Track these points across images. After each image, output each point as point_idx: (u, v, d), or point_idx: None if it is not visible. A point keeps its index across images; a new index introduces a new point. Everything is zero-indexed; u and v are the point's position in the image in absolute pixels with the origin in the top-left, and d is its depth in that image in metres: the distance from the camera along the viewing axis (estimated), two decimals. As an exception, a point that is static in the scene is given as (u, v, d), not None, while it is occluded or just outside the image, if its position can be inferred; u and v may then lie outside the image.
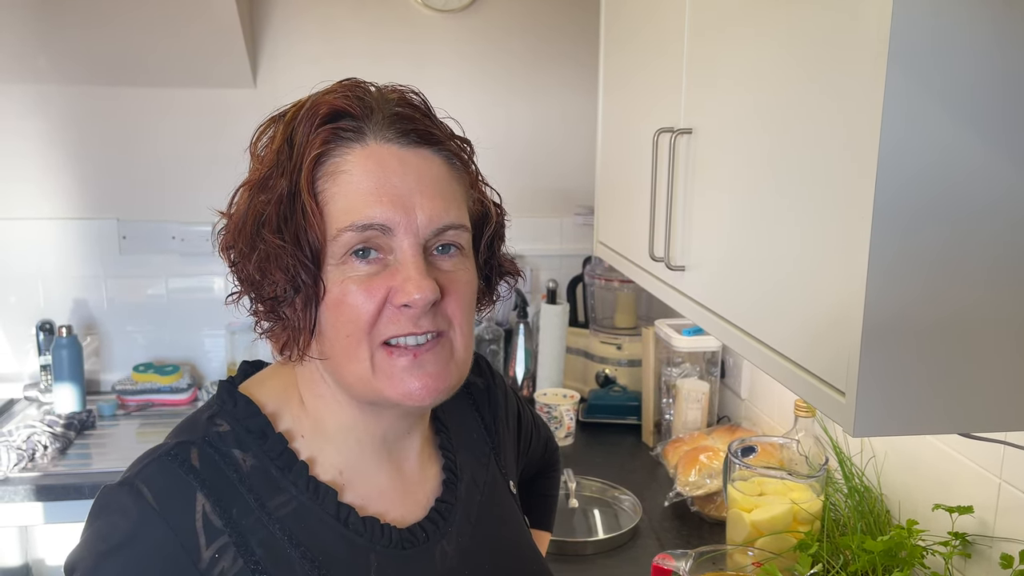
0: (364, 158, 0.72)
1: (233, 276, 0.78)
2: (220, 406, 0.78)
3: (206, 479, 0.72)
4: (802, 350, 0.86)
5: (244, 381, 0.83)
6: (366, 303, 0.72)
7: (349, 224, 0.71)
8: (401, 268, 0.72)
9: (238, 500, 0.73)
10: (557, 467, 1.21)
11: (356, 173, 0.72)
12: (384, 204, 0.71)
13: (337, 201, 0.72)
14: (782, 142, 0.90)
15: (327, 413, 0.79)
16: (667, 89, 1.28)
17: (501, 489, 0.94)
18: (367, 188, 0.72)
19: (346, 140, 0.73)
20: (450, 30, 2.42)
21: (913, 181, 0.70)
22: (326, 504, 0.76)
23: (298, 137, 0.73)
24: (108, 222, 2.39)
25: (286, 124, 0.75)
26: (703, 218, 1.14)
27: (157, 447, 0.76)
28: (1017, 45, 0.69)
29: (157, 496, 0.71)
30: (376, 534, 0.77)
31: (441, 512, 0.84)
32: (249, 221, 0.74)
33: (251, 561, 0.71)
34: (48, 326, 2.34)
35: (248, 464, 0.75)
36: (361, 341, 0.73)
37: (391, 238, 0.72)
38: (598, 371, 2.31)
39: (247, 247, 0.74)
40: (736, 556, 1.25)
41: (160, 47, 2.23)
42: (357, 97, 0.74)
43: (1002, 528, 1.13)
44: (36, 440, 1.99)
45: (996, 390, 0.75)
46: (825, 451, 1.42)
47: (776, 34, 0.91)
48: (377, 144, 0.73)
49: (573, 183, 2.51)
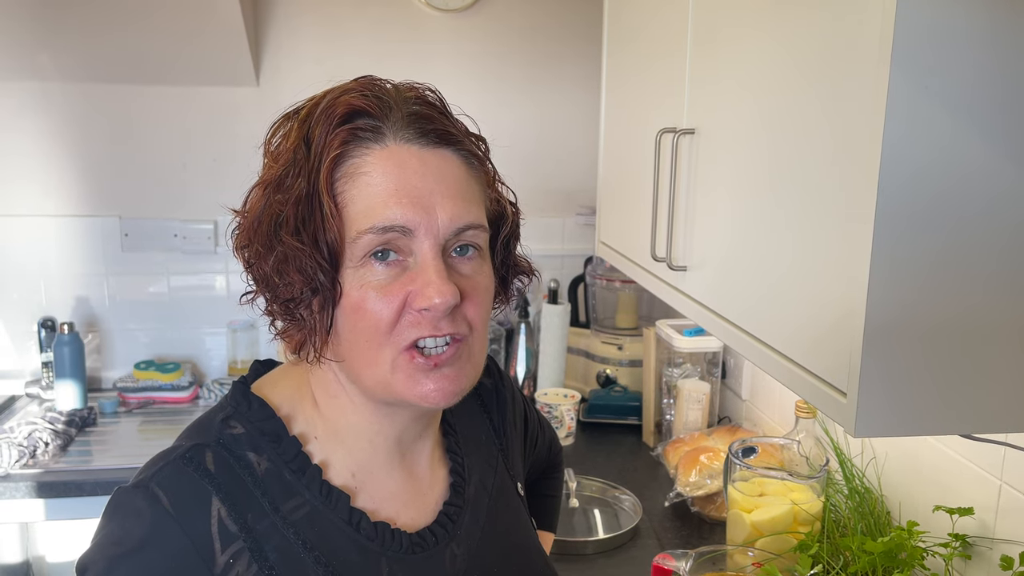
0: (384, 159, 0.72)
1: (248, 275, 0.77)
2: (234, 408, 0.77)
3: (221, 483, 0.72)
4: (803, 350, 0.86)
5: (255, 381, 0.83)
6: (385, 308, 0.71)
7: (369, 226, 0.70)
8: (421, 271, 0.72)
9: (252, 504, 0.72)
10: (560, 468, 1.21)
11: (376, 175, 0.71)
12: (404, 205, 0.70)
13: (356, 203, 0.71)
14: (785, 143, 0.90)
15: (341, 415, 0.79)
16: (670, 89, 1.28)
17: (509, 491, 0.93)
18: (387, 189, 0.71)
19: (365, 140, 0.72)
20: (453, 29, 2.42)
21: (915, 182, 0.71)
22: (339, 509, 0.76)
23: (315, 137, 0.72)
24: (110, 220, 2.40)
25: (301, 122, 0.74)
26: (705, 218, 1.14)
27: (171, 449, 0.75)
28: (1019, 47, 0.69)
29: (173, 501, 0.70)
30: (387, 540, 0.77)
31: (450, 516, 0.84)
32: (265, 221, 0.73)
33: (265, 566, 0.71)
34: (50, 323, 2.34)
35: (262, 467, 0.74)
36: (382, 345, 0.73)
37: (411, 240, 0.72)
38: (599, 371, 2.31)
39: (263, 247, 0.73)
40: (736, 556, 1.25)
41: (163, 45, 2.23)
42: (375, 96, 0.73)
43: (1002, 530, 1.13)
44: (37, 437, 1.99)
45: (997, 391, 0.75)
46: (826, 452, 1.42)
47: (779, 35, 0.91)
48: (396, 145, 0.72)
49: (575, 183, 2.51)
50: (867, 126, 0.72)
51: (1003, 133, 0.71)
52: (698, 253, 1.17)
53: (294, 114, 0.76)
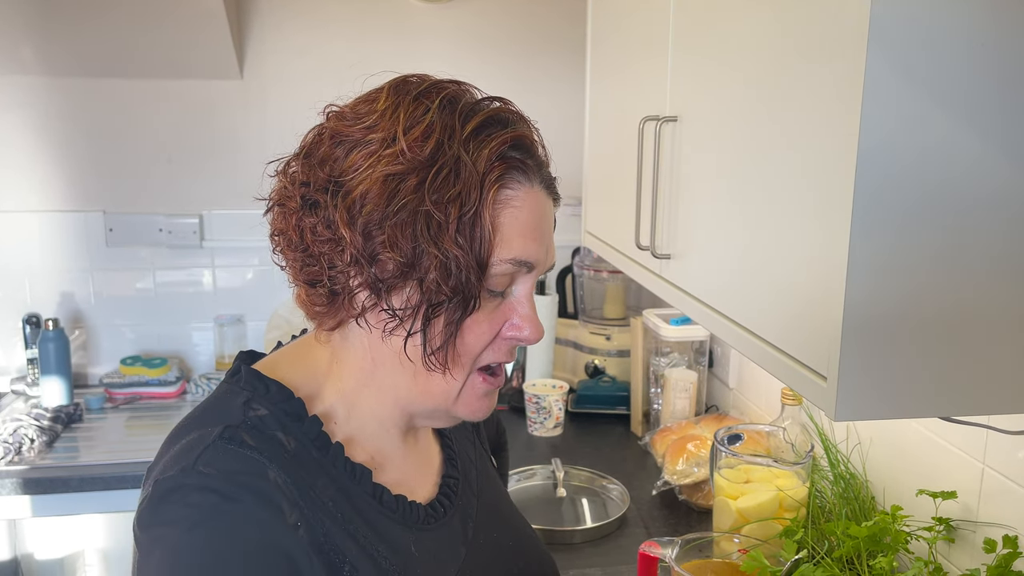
0: (530, 198, 0.76)
1: (354, 254, 0.72)
2: (252, 391, 0.77)
3: (269, 456, 0.71)
4: (784, 336, 0.87)
5: (255, 366, 0.82)
6: (487, 334, 0.76)
7: (511, 257, 0.74)
8: (519, 305, 0.78)
9: (298, 478, 0.72)
10: (506, 448, 1.25)
11: (524, 211, 0.75)
12: (537, 244, 0.76)
13: (501, 231, 0.73)
14: (765, 130, 0.90)
15: (367, 405, 0.80)
16: (653, 77, 1.28)
17: (487, 463, 0.99)
18: (530, 226, 0.75)
19: (517, 175, 0.75)
20: (437, 20, 2.41)
21: (894, 168, 0.71)
22: (363, 484, 0.77)
23: (474, 152, 0.72)
24: (94, 215, 2.38)
25: (445, 126, 0.72)
26: (688, 206, 1.14)
27: (200, 437, 0.71)
28: (1001, 29, 0.70)
29: (229, 477, 0.68)
30: (407, 513, 0.80)
31: (451, 487, 0.88)
32: (406, 211, 0.70)
33: (319, 534, 0.71)
34: (35, 319, 2.33)
35: (292, 446, 0.74)
36: (464, 366, 0.77)
37: (524, 275, 0.77)
38: (587, 362, 2.31)
39: (403, 237, 0.70)
40: (722, 543, 1.26)
41: (146, 39, 2.21)
42: (528, 137, 0.77)
43: (985, 513, 1.14)
44: (23, 433, 1.98)
45: (977, 374, 0.76)
46: (811, 438, 1.42)
47: (759, 21, 0.91)
48: (537, 188, 0.77)
49: (561, 174, 2.49)
50: (846, 112, 0.72)
51: (980, 116, 0.71)
52: (681, 241, 1.17)
53: (415, 102, 0.73)
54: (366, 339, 0.77)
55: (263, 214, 0.79)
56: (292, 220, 0.74)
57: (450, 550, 0.83)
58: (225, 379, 0.81)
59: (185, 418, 0.78)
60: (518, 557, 0.93)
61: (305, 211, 0.73)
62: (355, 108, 0.75)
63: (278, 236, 0.77)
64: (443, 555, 0.82)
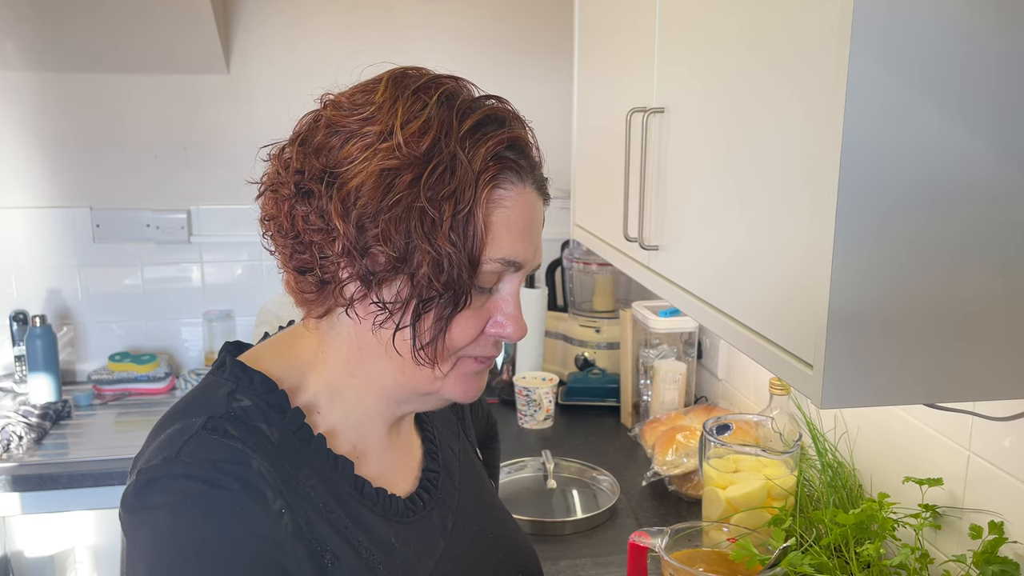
0: (522, 198, 0.76)
1: (346, 245, 0.71)
2: (236, 382, 0.77)
3: (252, 446, 0.72)
4: (771, 325, 0.87)
5: (240, 357, 0.82)
6: (472, 330, 0.76)
7: (501, 257, 0.75)
8: (504, 303, 0.78)
9: (280, 468, 0.73)
10: (497, 439, 1.25)
11: (515, 212, 0.75)
12: (526, 245, 0.77)
13: (493, 230, 0.74)
14: (750, 120, 0.90)
15: (352, 395, 0.81)
16: (639, 68, 1.28)
17: (472, 455, 0.99)
18: (520, 227, 0.76)
19: (511, 176, 0.75)
20: (426, 14, 2.41)
21: (878, 157, 0.71)
22: (345, 475, 0.78)
23: (467, 151, 0.72)
24: (81, 210, 2.37)
25: (443, 123, 0.72)
26: (675, 197, 1.15)
27: (183, 428, 0.72)
28: (983, 18, 0.70)
29: (212, 465, 0.69)
30: (387, 505, 0.81)
31: (431, 480, 0.88)
32: (401, 206, 0.70)
33: (302, 523, 0.72)
34: (22, 316, 2.31)
35: (275, 437, 0.75)
36: (447, 359, 0.77)
37: (512, 273, 0.78)
38: (577, 354, 2.32)
39: (397, 232, 0.70)
40: (711, 533, 1.26)
41: (131, 33, 2.20)
42: (522, 137, 0.77)
43: (971, 499, 1.15)
44: (11, 431, 1.97)
45: (961, 361, 0.77)
46: (799, 428, 1.43)
47: (746, 12, 0.91)
48: (529, 188, 0.77)
49: (550, 166, 2.50)
50: (830, 102, 0.72)
51: (964, 108, 0.72)
52: (669, 232, 1.17)
53: (414, 96, 0.73)
54: (354, 329, 0.77)
55: (255, 199, 0.79)
56: (284, 207, 0.74)
57: (429, 543, 0.84)
58: (211, 371, 0.81)
59: (170, 409, 0.78)
60: (498, 549, 0.93)
61: (298, 199, 0.73)
62: (352, 97, 0.75)
63: (269, 221, 0.77)
64: (422, 547, 0.83)
